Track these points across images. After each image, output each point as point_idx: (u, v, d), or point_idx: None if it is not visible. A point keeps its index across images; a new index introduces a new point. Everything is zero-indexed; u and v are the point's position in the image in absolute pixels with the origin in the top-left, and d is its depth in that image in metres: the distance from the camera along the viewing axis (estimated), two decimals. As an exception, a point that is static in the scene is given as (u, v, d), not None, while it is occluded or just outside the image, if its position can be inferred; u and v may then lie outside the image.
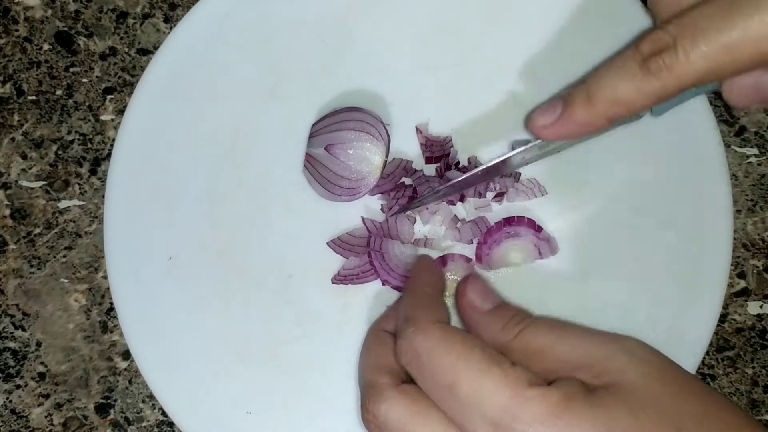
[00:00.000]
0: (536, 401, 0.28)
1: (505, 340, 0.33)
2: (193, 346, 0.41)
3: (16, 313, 0.44)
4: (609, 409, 0.28)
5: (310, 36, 0.43)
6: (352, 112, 0.41)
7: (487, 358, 0.30)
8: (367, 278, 0.41)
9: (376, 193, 0.42)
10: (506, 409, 0.28)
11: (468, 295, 0.36)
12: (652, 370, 0.30)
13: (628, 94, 0.31)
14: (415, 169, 0.42)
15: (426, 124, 0.43)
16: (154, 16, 0.46)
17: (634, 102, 0.31)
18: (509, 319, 0.33)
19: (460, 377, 0.29)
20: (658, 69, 0.30)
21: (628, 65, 0.31)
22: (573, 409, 0.27)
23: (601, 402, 0.28)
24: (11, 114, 0.45)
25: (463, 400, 0.29)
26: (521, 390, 0.28)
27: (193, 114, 0.43)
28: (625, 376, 0.29)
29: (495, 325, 0.34)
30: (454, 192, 0.40)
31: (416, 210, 0.41)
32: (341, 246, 0.42)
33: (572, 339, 0.31)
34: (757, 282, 0.44)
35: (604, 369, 0.30)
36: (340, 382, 0.41)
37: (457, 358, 0.30)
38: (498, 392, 0.28)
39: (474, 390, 0.29)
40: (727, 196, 0.42)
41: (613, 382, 0.29)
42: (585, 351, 0.31)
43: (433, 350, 0.31)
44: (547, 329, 0.32)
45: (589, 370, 0.30)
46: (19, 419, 0.43)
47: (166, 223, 0.42)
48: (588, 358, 0.30)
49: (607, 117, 0.32)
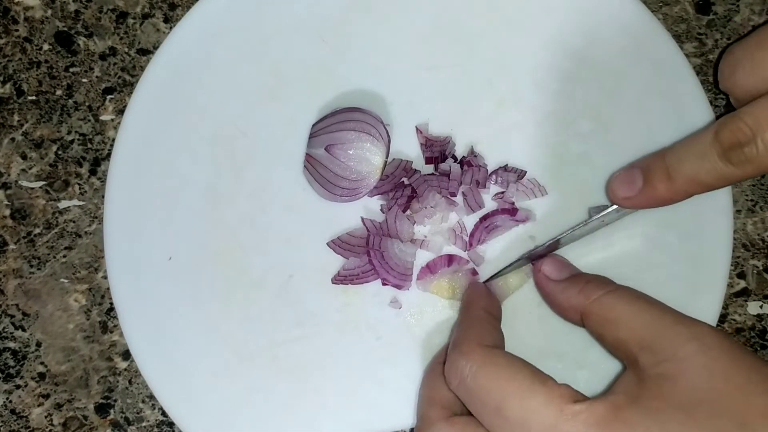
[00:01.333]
0: (583, 416, 0.28)
1: (583, 302, 0.34)
2: (193, 346, 0.41)
3: (16, 313, 0.44)
4: (660, 412, 0.27)
5: (309, 36, 0.43)
6: (352, 113, 0.41)
7: (531, 377, 0.30)
8: (367, 278, 0.41)
9: (376, 194, 0.42)
10: (554, 426, 0.28)
11: (543, 268, 0.37)
12: (718, 361, 0.29)
13: (708, 177, 0.33)
14: (414, 170, 0.42)
15: (426, 124, 0.43)
16: (154, 16, 0.46)
17: (714, 184, 0.33)
18: (587, 283, 0.34)
19: (506, 398, 0.29)
20: (740, 161, 0.31)
21: (710, 152, 0.32)
22: (621, 418, 0.27)
23: (651, 405, 0.28)
24: (11, 114, 0.45)
25: (512, 421, 0.29)
26: (567, 406, 0.28)
27: (193, 114, 0.43)
28: (688, 365, 0.29)
29: (572, 289, 0.35)
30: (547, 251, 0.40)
31: (416, 211, 0.41)
32: (341, 246, 0.42)
33: (648, 315, 0.31)
34: (757, 282, 0.44)
35: (669, 354, 0.29)
36: (340, 382, 0.41)
37: (501, 379, 0.30)
38: (544, 410, 0.28)
39: (521, 410, 0.29)
40: (727, 196, 0.42)
41: (671, 372, 0.29)
42: (656, 330, 0.31)
43: (478, 373, 0.31)
44: (629, 300, 0.33)
45: (653, 352, 0.30)
46: (19, 419, 0.43)
47: (166, 224, 0.42)
48: (656, 339, 0.30)
49: (686, 194, 0.34)
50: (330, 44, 0.43)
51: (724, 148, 0.32)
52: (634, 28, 0.42)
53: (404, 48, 0.43)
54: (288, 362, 0.41)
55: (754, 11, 0.46)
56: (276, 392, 0.41)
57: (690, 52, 0.46)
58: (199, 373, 0.41)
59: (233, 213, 0.42)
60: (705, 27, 0.46)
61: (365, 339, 0.41)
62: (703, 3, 0.46)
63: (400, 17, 0.43)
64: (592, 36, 0.43)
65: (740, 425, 0.27)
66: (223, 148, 0.43)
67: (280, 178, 0.43)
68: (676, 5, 0.46)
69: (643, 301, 0.32)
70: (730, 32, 0.46)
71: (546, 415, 0.28)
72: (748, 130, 0.31)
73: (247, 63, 0.43)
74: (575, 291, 0.35)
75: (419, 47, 0.43)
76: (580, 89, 0.43)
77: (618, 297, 0.33)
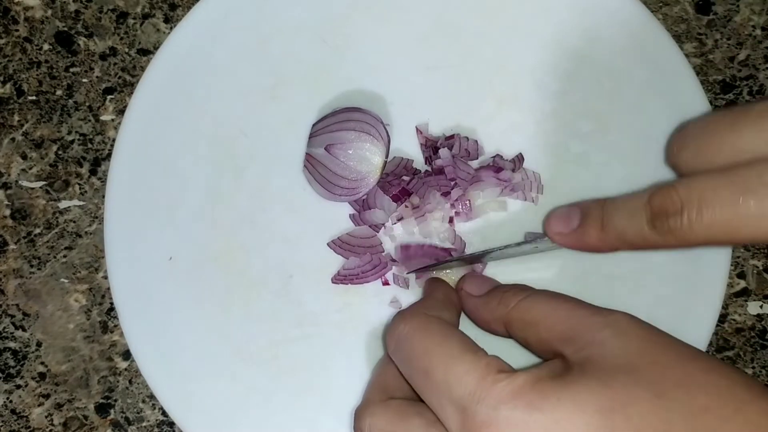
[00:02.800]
0: (501, 384, 0.28)
1: (503, 312, 0.34)
2: (193, 346, 0.41)
3: (16, 313, 0.44)
4: (577, 384, 0.28)
5: (309, 36, 0.43)
6: (352, 113, 0.41)
7: (460, 345, 0.31)
8: (367, 278, 0.41)
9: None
10: (473, 392, 0.28)
11: (464, 286, 0.38)
12: (633, 340, 0.29)
13: (633, 237, 0.33)
14: (415, 169, 0.42)
15: (426, 124, 0.43)
16: (154, 16, 0.46)
17: (639, 245, 0.33)
18: (504, 293, 0.35)
19: (433, 362, 0.30)
20: (663, 231, 0.32)
21: (640, 214, 0.33)
22: (538, 389, 0.28)
23: (571, 379, 0.28)
24: (11, 114, 0.45)
25: (437, 384, 0.30)
26: (489, 375, 0.29)
27: (193, 114, 0.43)
28: (605, 348, 0.29)
29: (492, 302, 0.35)
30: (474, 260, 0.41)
31: (416, 206, 0.42)
32: (341, 246, 0.42)
33: (563, 311, 0.32)
34: (757, 282, 0.44)
35: (587, 342, 0.30)
36: (340, 382, 0.41)
37: (433, 344, 0.31)
38: (467, 377, 0.29)
39: (445, 374, 0.30)
40: (727, 196, 0.42)
41: (591, 356, 0.29)
42: (573, 323, 0.31)
43: (412, 336, 0.32)
44: (544, 300, 0.33)
45: (573, 343, 0.30)
46: (19, 419, 0.43)
47: (166, 223, 0.42)
48: (574, 331, 0.31)
49: (614, 248, 0.35)
50: (330, 44, 0.43)
51: (653, 213, 0.32)
52: (634, 28, 0.42)
53: (404, 48, 0.43)
54: (288, 362, 0.41)
55: (754, 11, 0.46)
56: (276, 392, 0.41)
57: (690, 52, 0.46)
58: (200, 373, 0.41)
59: (233, 213, 0.42)
60: (705, 27, 0.46)
61: (365, 339, 0.41)
62: (703, 3, 0.46)
63: (400, 17, 0.43)
64: (592, 36, 0.43)
65: (656, 395, 0.27)
66: (224, 148, 0.43)
67: (280, 178, 0.43)
68: (676, 5, 0.46)
69: (558, 300, 0.33)
70: (730, 32, 0.46)
71: (467, 381, 0.29)
72: (678, 201, 0.31)
73: (247, 63, 0.43)
74: (495, 303, 0.35)
75: (419, 47, 0.43)
76: (580, 89, 0.43)
77: (533, 300, 0.34)
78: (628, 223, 0.33)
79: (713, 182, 0.30)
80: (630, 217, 0.33)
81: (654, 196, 0.32)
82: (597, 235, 0.35)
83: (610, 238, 0.35)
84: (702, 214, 0.30)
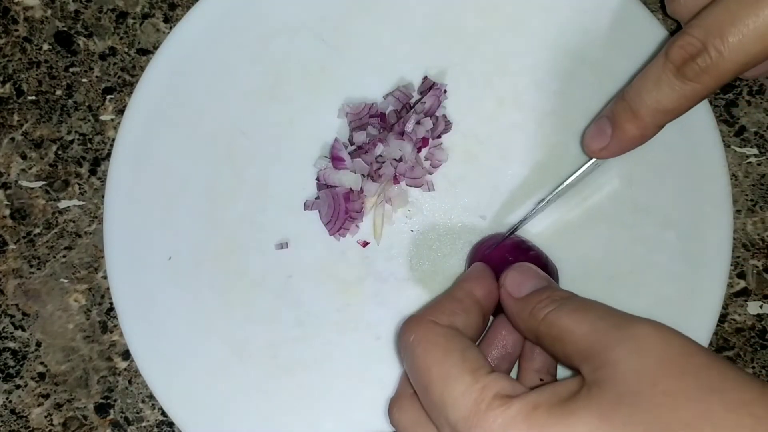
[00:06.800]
0: (494, 413, 0.27)
1: (534, 326, 0.32)
2: (193, 346, 0.41)
3: (16, 313, 0.44)
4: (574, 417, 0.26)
5: (309, 36, 0.43)
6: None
7: (460, 364, 0.29)
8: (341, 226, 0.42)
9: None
10: (466, 418, 0.28)
11: (505, 282, 0.35)
12: (649, 362, 0.26)
13: (671, 102, 0.32)
14: (381, 113, 0.42)
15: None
16: (154, 16, 0.46)
17: (680, 107, 0.32)
18: (536, 304, 0.32)
19: (432, 380, 0.30)
20: (696, 74, 0.31)
21: (665, 76, 0.32)
22: (532, 420, 0.26)
23: (572, 408, 0.26)
24: (11, 114, 0.45)
25: (434, 403, 0.29)
26: (484, 401, 0.28)
27: (192, 114, 0.43)
28: (617, 370, 0.27)
29: (524, 311, 0.33)
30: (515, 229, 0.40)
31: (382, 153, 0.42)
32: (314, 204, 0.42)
33: (587, 325, 0.29)
34: (757, 282, 0.44)
35: (602, 361, 0.27)
36: (340, 382, 0.41)
37: (433, 360, 0.30)
38: (462, 399, 0.28)
39: (441, 395, 0.29)
40: (727, 196, 0.42)
41: (603, 378, 0.27)
42: (593, 339, 0.29)
43: (415, 348, 0.31)
44: (569, 313, 0.30)
45: (590, 361, 0.28)
46: (19, 419, 0.43)
47: (166, 223, 0.42)
48: (594, 348, 0.28)
49: (656, 126, 0.34)
50: (330, 44, 0.43)
51: (677, 65, 0.31)
52: (634, 28, 0.42)
53: (404, 48, 0.43)
54: (288, 362, 0.41)
55: (754, 11, 0.46)
56: (276, 392, 0.41)
57: (690, 52, 0.46)
58: (199, 373, 0.41)
59: (233, 213, 0.42)
60: (705, 27, 0.46)
61: (365, 339, 0.41)
62: (703, 3, 0.46)
63: (400, 17, 0.43)
64: (592, 36, 0.43)
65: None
66: (223, 148, 0.43)
67: (279, 177, 0.43)
68: (676, 5, 0.46)
69: (585, 311, 0.30)
70: (730, 32, 0.46)
71: (462, 405, 0.28)
72: (697, 42, 0.30)
73: (247, 63, 0.43)
74: (527, 314, 0.33)
75: (419, 47, 0.43)
76: (580, 89, 0.43)
77: (559, 313, 0.31)
78: (659, 93, 0.32)
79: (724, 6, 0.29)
80: (657, 86, 0.32)
81: (671, 50, 0.31)
82: (635, 125, 0.34)
83: (648, 118, 0.33)
84: (726, 39, 0.29)
